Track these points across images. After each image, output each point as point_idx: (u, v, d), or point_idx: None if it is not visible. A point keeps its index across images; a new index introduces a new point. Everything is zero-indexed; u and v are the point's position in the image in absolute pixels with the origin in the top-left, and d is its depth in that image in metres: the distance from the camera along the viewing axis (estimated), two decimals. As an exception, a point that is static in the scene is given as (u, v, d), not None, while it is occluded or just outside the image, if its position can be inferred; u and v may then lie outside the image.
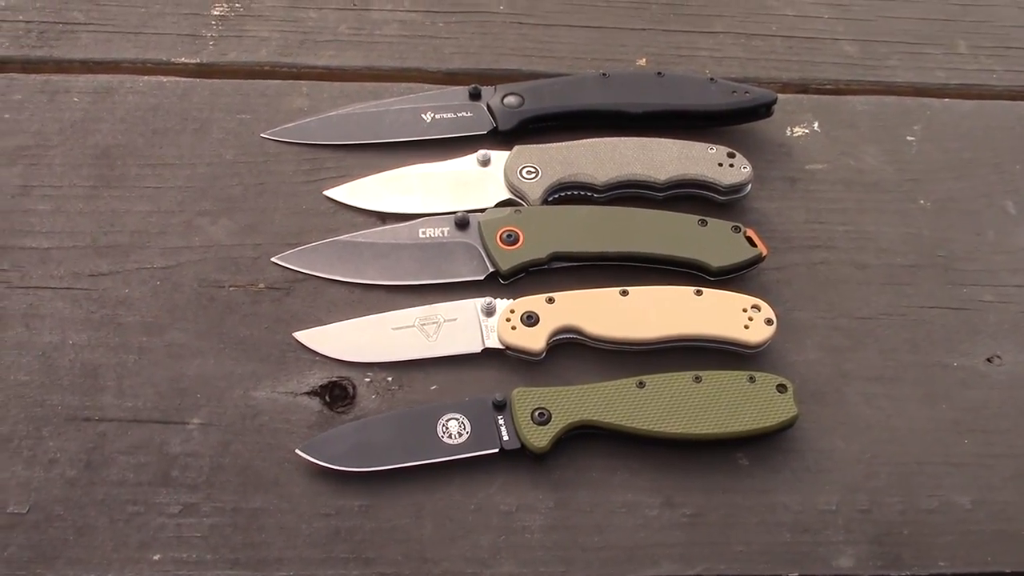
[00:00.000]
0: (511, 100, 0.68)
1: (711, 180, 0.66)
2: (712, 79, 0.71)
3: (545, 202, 0.65)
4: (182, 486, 0.54)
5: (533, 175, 0.65)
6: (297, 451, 0.54)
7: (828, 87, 0.75)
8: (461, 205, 0.65)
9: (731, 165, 0.66)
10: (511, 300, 0.60)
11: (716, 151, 0.66)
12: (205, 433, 0.56)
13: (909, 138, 0.72)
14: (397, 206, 0.65)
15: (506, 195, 0.65)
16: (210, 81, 0.71)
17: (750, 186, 0.67)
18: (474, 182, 0.66)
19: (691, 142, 0.67)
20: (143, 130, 0.68)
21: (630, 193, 0.67)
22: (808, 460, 0.57)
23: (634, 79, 0.71)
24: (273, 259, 0.62)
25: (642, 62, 0.75)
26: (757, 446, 0.57)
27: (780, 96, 0.71)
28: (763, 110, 0.70)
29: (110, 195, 0.65)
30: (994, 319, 0.63)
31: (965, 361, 0.61)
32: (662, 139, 0.67)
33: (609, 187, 0.66)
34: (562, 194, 0.66)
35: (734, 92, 0.69)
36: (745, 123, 0.71)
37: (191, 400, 0.57)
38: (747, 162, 0.66)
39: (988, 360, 0.62)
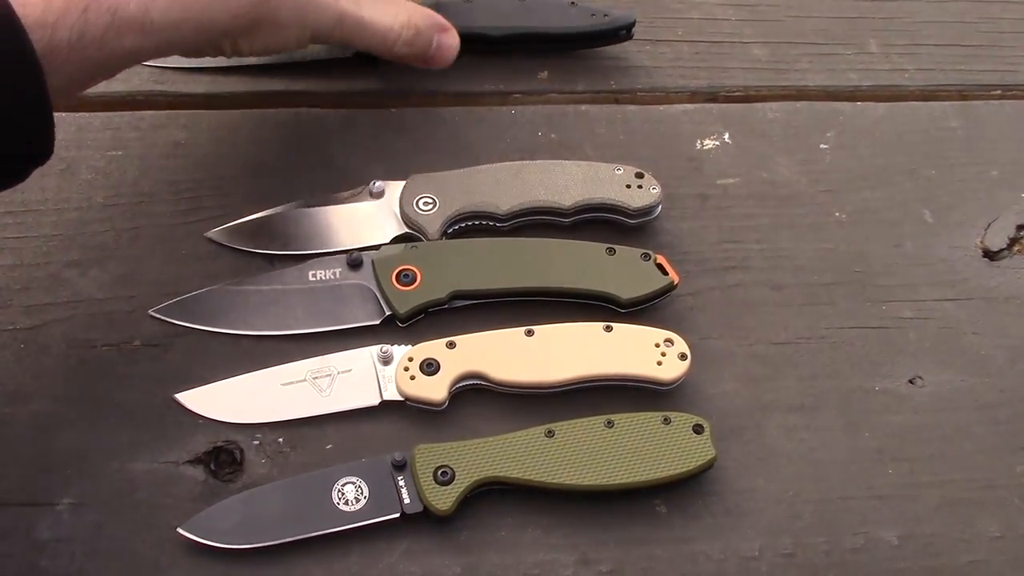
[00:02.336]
0: None
1: (619, 203, 0.62)
2: (573, 2, 0.71)
3: (445, 235, 0.61)
4: (52, 577, 0.49)
5: (431, 206, 0.61)
6: (179, 530, 0.50)
7: (738, 94, 0.72)
8: (353, 243, 0.61)
9: (639, 186, 0.63)
10: (409, 346, 0.56)
11: (623, 172, 0.63)
12: (77, 514, 0.51)
13: (822, 146, 0.69)
14: (284, 246, 0.61)
15: (402, 229, 0.61)
16: (76, 115, 0.65)
17: (660, 206, 0.63)
18: (366, 216, 0.62)
19: (596, 163, 0.63)
20: (3, 173, 0.62)
21: (535, 220, 0.63)
22: (729, 503, 0.54)
23: (496, 3, 0.70)
24: (150, 312, 0.57)
25: None
26: (675, 491, 0.54)
27: (689, 107, 0.68)
28: (623, 32, 0.71)
29: (-34, 249, 0.59)
30: (914, 337, 0.61)
31: (887, 384, 0.59)
32: (565, 162, 0.63)
33: (513, 215, 0.62)
34: (463, 224, 0.62)
35: (593, 15, 0.70)
36: (606, 46, 0.71)
37: (61, 477, 0.52)
38: (656, 182, 0.63)
39: (910, 382, 0.59)
